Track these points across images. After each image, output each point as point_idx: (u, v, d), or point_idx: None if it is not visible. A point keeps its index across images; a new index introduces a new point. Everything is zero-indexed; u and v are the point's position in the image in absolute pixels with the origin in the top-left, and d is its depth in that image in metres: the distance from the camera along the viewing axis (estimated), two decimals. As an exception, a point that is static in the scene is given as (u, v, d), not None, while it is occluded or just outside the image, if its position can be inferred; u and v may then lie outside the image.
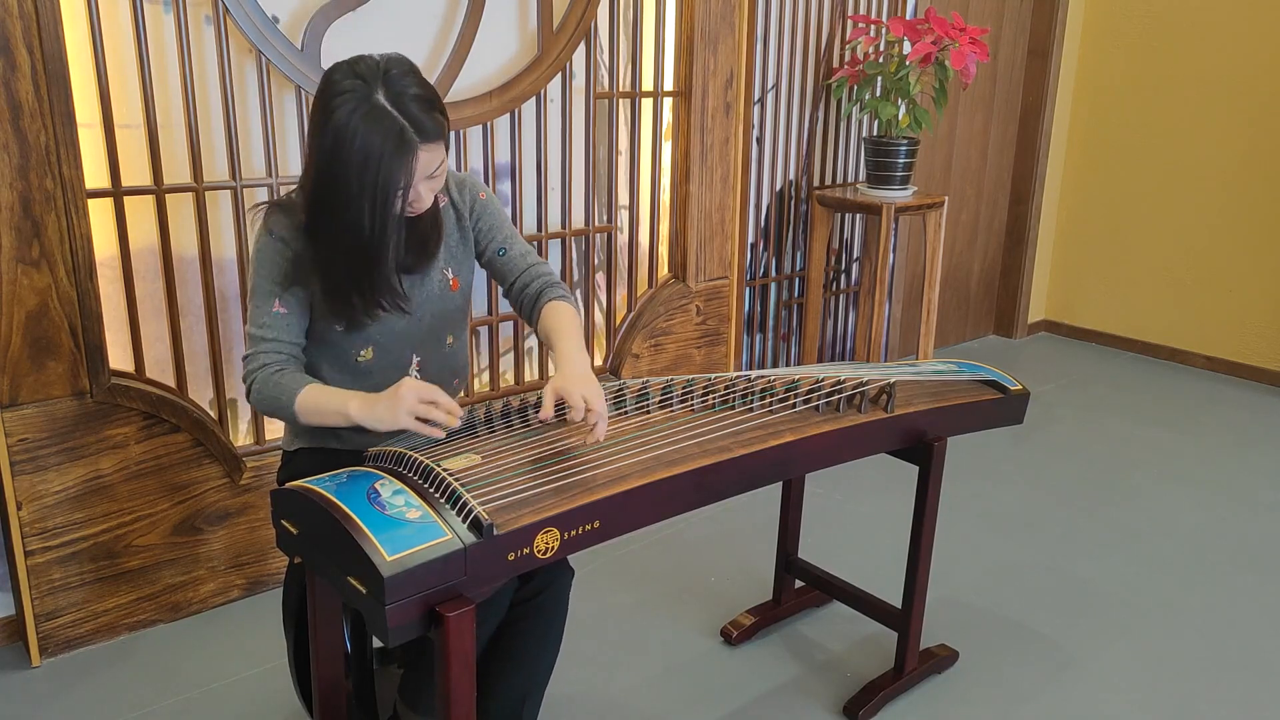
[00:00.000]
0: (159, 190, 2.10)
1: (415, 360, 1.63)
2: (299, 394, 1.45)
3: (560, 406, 1.47)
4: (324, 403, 1.44)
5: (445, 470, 1.33)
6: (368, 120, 1.38)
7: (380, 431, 1.42)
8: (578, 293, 2.92)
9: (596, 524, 1.36)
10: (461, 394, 2.63)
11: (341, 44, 2.27)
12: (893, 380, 1.82)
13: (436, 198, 1.61)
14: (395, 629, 1.20)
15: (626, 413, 1.61)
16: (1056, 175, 4.51)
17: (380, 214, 1.42)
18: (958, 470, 3.08)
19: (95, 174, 2.02)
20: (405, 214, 1.49)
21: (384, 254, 1.47)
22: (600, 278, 2.96)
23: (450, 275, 1.63)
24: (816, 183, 3.53)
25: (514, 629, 1.58)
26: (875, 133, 3.53)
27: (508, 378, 2.80)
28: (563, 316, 1.61)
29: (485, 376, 2.77)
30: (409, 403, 1.37)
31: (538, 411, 1.55)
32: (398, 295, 1.52)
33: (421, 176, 1.45)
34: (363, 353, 1.58)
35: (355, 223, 1.43)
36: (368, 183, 1.40)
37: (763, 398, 1.70)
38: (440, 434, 1.41)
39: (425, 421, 1.39)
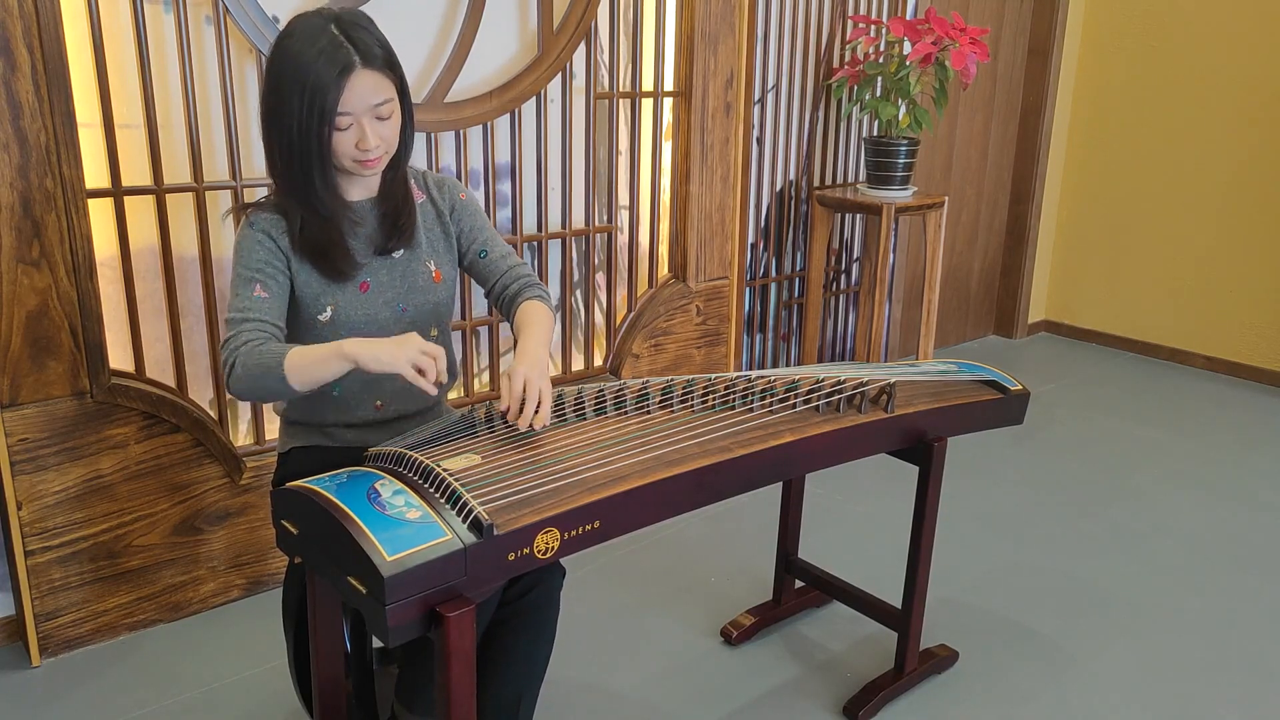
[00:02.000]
0: (159, 190, 2.10)
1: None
2: (286, 355, 1.41)
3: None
4: (316, 353, 1.41)
5: (445, 470, 1.33)
6: (311, 36, 1.44)
7: (372, 373, 1.39)
8: (578, 292, 2.92)
9: (596, 524, 1.36)
10: (452, 392, 2.65)
11: (342, 44, 2.27)
12: (893, 380, 1.82)
13: (408, 180, 1.62)
14: (395, 629, 1.20)
15: (627, 413, 1.61)
16: (1056, 175, 4.51)
17: (308, 126, 1.44)
18: (958, 470, 3.08)
19: (95, 174, 2.02)
20: (358, 162, 1.50)
21: (316, 167, 1.47)
22: (600, 278, 2.96)
23: (433, 268, 1.65)
24: (816, 183, 3.53)
25: (505, 628, 1.58)
26: (875, 133, 3.53)
27: (508, 378, 2.80)
28: (534, 314, 1.63)
29: (485, 376, 2.77)
30: (412, 351, 1.37)
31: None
32: (334, 206, 1.52)
33: (363, 107, 1.46)
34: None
35: (289, 137, 1.45)
36: (299, 92, 1.43)
37: (763, 398, 1.70)
38: (431, 390, 1.39)
39: (420, 375, 1.38)
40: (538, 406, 1.46)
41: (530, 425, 1.46)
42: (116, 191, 2.05)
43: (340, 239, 1.54)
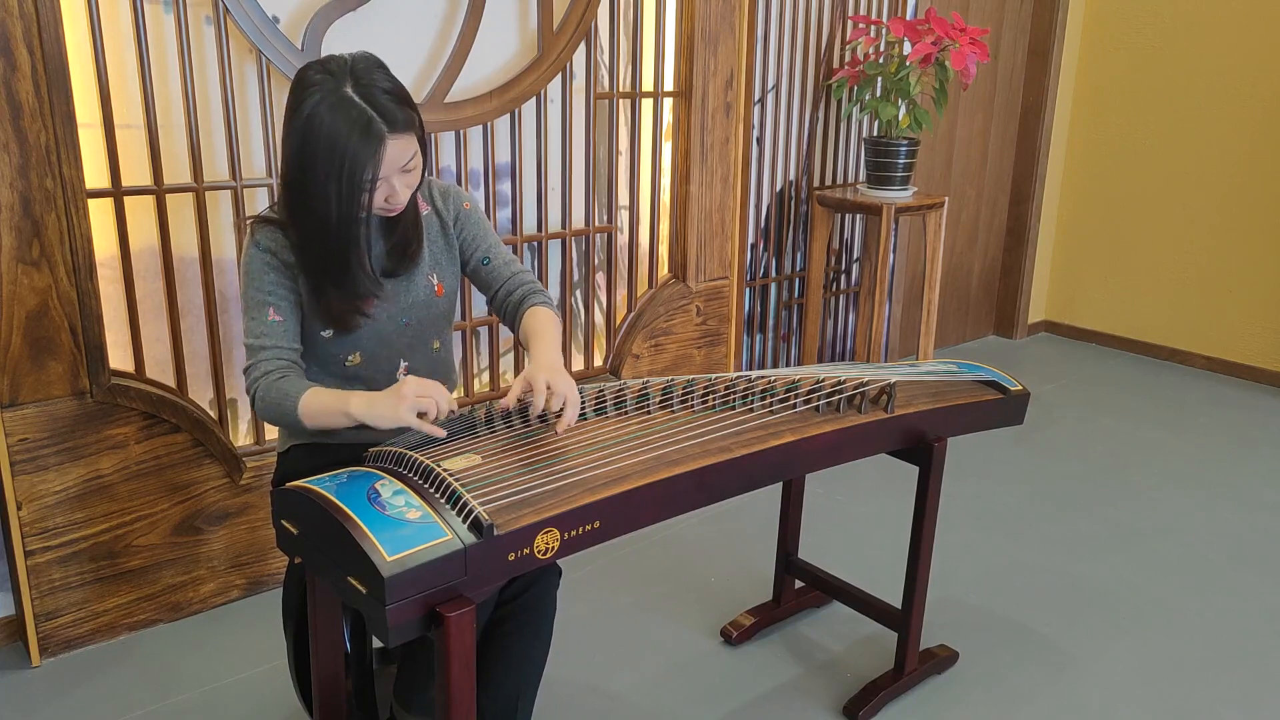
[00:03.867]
0: (159, 190, 2.10)
1: (403, 365, 1.65)
2: (302, 397, 1.46)
3: (526, 400, 1.51)
4: (326, 403, 1.45)
5: (445, 470, 1.33)
6: (336, 110, 1.40)
7: (382, 429, 1.43)
8: (578, 293, 2.92)
9: (597, 524, 1.36)
10: (453, 395, 2.65)
11: (341, 44, 2.27)
12: (893, 380, 1.82)
13: (417, 203, 1.62)
14: (396, 629, 1.20)
15: (627, 413, 1.61)
16: (1056, 175, 4.51)
17: (349, 203, 1.43)
18: (958, 470, 3.08)
19: (95, 174, 2.02)
20: (384, 211, 1.51)
21: (354, 247, 1.48)
22: (600, 278, 2.96)
23: (435, 281, 1.65)
24: (817, 183, 3.53)
25: (502, 629, 1.58)
26: (875, 133, 3.53)
27: (508, 378, 2.80)
28: (543, 320, 1.64)
29: (485, 376, 2.77)
30: (409, 398, 1.39)
31: (542, 419, 1.55)
32: (372, 290, 1.53)
33: (393, 169, 1.46)
34: (351, 358, 1.59)
35: (324, 214, 1.44)
36: (335, 171, 1.41)
37: (763, 398, 1.70)
38: (441, 432, 1.42)
39: (423, 417, 1.40)
40: (559, 407, 1.48)
41: (544, 415, 1.49)
42: (116, 192, 2.05)
43: (358, 315, 1.55)
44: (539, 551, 1.30)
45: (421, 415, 1.41)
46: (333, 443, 1.63)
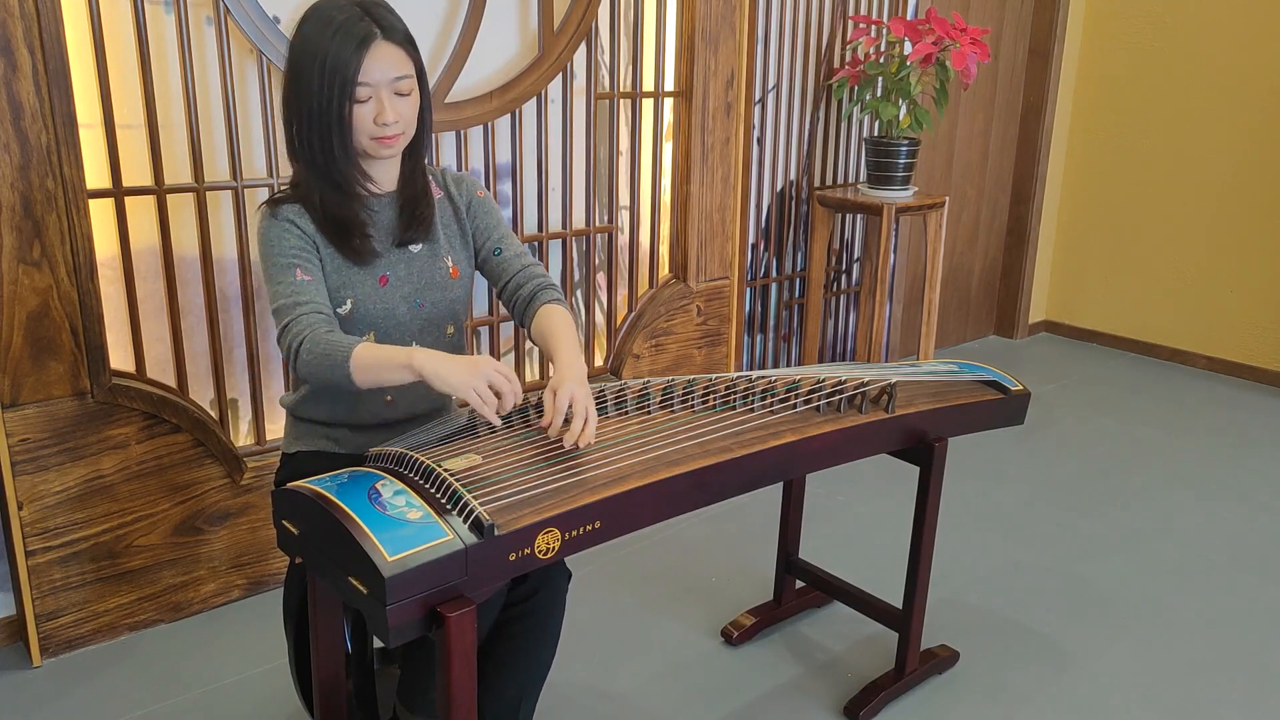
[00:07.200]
0: (160, 190, 2.10)
1: (415, 348, 1.63)
2: (355, 348, 1.40)
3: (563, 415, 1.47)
4: (384, 356, 1.39)
5: (446, 471, 1.33)
6: (330, 15, 1.45)
7: (436, 390, 1.38)
8: (578, 293, 2.92)
9: (597, 524, 1.36)
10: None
11: (342, 44, 2.27)
12: (894, 380, 1.82)
13: (425, 172, 1.62)
14: (396, 629, 1.20)
15: (627, 413, 1.61)
16: (1057, 175, 4.51)
17: (334, 98, 1.44)
18: (958, 470, 3.08)
19: (96, 174, 2.02)
20: (377, 139, 1.49)
21: (337, 140, 1.47)
22: (601, 278, 2.96)
23: (450, 264, 1.64)
24: (817, 183, 3.53)
25: (509, 630, 1.58)
26: (876, 133, 3.53)
27: (508, 378, 2.80)
28: (559, 321, 1.59)
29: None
30: (487, 368, 1.36)
31: (539, 411, 1.55)
32: (359, 180, 1.54)
33: (383, 80, 1.46)
34: (364, 339, 1.58)
35: (309, 108, 1.45)
36: (321, 65, 1.43)
37: (764, 398, 1.70)
38: (495, 420, 1.39)
39: (489, 395, 1.37)
40: (584, 423, 1.44)
41: (575, 444, 1.43)
42: (117, 192, 2.05)
43: (359, 215, 1.54)
44: (540, 551, 1.30)
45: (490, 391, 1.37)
46: (340, 450, 1.62)
